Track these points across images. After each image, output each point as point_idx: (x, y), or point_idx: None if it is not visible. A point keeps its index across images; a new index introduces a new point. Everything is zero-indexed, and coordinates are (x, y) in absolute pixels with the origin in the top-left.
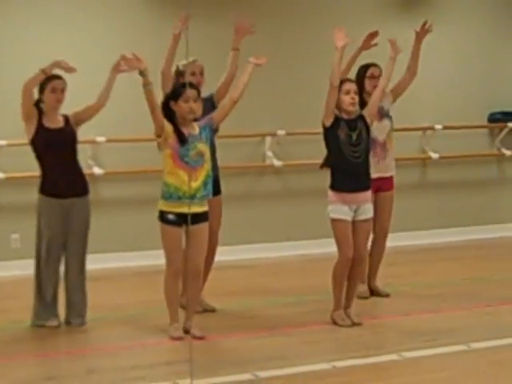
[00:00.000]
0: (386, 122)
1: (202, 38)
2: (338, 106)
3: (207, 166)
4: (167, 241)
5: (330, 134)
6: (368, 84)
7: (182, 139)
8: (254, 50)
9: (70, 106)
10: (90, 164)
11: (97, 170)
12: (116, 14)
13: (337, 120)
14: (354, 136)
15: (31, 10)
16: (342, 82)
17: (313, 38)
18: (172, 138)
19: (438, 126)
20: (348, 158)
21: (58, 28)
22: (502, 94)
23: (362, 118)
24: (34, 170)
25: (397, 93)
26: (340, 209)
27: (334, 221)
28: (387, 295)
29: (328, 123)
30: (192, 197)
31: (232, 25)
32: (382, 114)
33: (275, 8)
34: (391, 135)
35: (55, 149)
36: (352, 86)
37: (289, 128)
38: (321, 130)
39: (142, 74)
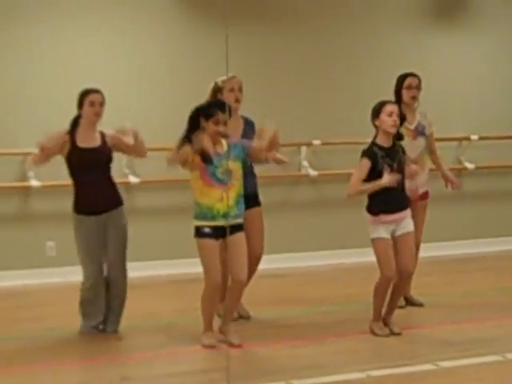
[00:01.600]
0: (420, 140)
1: (241, 49)
2: (378, 127)
3: (238, 184)
4: (205, 254)
5: (370, 172)
6: (406, 95)
7: (209, 158)
8: (291, 60)
9: (108, 112)
10: (125, 173)
11: (132, 179)
12: (152, 21)
13: (373, 159)
14: (395, 164)
15: (60, 19)
16: (383, 104)
17: (349, 48)
18: (197, 159)
19: (474, 137)
20: (389, 185)
21: (88, 37)
22: None
23: (401, 147)
24: (68, 178)
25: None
26: (379, 228)
27: (374, 240)
28: (421, 305)
29: None
30: (225, 215)
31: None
32: (418, 133)
33: (312, 18)
34: (424, 155)
35: (89, 168)
36: (395, 109)
37: (324, 138)
38: (356, 140)
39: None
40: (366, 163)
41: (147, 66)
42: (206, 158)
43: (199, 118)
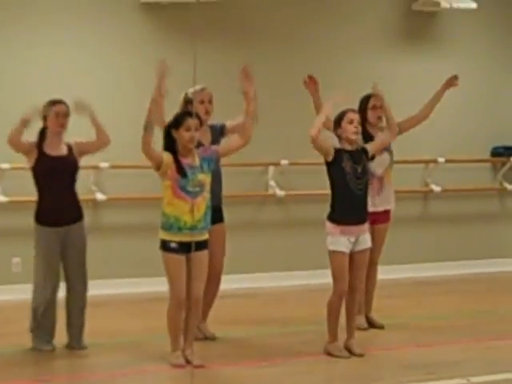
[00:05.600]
0: (385, 155)
1: (208, 65)
2: (340, 136)
3: (207, 195)
4: (170, 269)
5: (333, 167)
6: (371, 115)
7: (182, 171)
8: (259, 78)
9: (75, 128)
10: (92, 190)
11: (99, 196)
12: (120, 37)
13: (339, 153)
14: (360, 169)
15: (25, 33)
16: (344, 113)
17: (317, 67)
18: (171, 169)
19: (441, 159)
20: (353, 191)
21: (62, 48)
22: (505, 128)
23: (364, 150)
24: (36, 194)
25: (403, 128)
26: (339, 240)
27: (332, 252)
28: (382, 327)
29: (330, 158)
30: (193, 228)
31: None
32: (384, 149)
33: (281, 37)
34: (390, 170)
35: (55, 176)
36: (355, 116)
37: (292, 158)
38: (323, 160)
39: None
40: (331, 142)
41: (114, 82)
42: (180, 170)
43: (171, 131)
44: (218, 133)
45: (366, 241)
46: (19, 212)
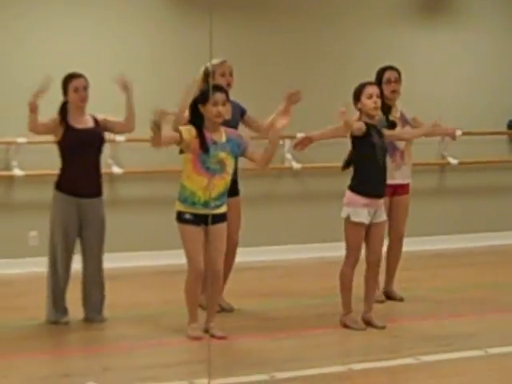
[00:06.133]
0: (407, 129)
1: (225, 39)
2: (360, 110)
3: (227, 176)
4: (187, 241)
5: (364, 141)
6: (386, 89)
7: (205, 146)
8: (275, 53)
9: (91, 103)
10: (109, 163)
11: (116, 169)
12: (137, 12)
13: (368, 128)
14: (383, 142)
15: (46, 9)
16: (363, 86)
17: (332, 42)
18: (194, 143)
19: (458, 132)
20: (380, 164)
21: (78, 22)
22: None
23: (381, 128)
24: (52, 167)
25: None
26: (361, 212)
27: (352, 223)
28: (401, 299)
29: (361, 133)
30: (206, 204)
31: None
32: (404, 122)
33: (297, 13)
34: (410, 144)
35: (82, 149)
36: (374, 90)
37: (308, 131)
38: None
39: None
40: (362, 125)
41: (131, 56)
42: (203, 145)
43: (197, 106)
44: (239, 112)
45: (382, 214)
46: (36, 186)
